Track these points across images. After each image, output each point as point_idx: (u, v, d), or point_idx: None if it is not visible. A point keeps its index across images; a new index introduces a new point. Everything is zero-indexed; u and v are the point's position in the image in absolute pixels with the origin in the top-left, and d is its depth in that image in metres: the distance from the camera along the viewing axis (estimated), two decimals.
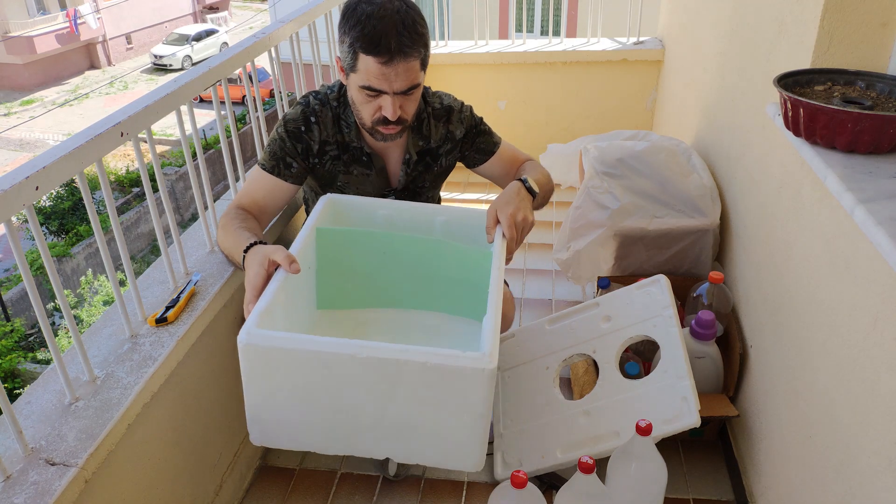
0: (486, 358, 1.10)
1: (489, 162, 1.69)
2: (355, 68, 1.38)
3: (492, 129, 1.70)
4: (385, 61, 1.34)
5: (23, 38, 17.30)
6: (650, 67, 3.21)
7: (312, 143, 1.54)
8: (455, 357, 1.10)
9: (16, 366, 8.30)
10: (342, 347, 1.11)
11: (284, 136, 1.53)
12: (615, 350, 1.64)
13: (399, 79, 1.37)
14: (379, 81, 1.37)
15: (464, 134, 1.64)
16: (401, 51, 1.34)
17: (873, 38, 1.31)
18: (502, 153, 1.69)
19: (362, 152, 1.57)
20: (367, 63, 1.35)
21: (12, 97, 17.60)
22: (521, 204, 1.45)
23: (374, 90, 1.38)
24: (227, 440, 1.63)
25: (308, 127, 1.53)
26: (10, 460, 1.10)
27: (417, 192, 1.68)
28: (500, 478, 1.63)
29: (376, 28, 1.32)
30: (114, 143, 1.25)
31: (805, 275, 1.33)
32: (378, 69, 1.35)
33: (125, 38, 20.06)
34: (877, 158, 1.15)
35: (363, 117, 1.46)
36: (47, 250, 1.15)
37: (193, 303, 1.46)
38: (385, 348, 1.11)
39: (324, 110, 1.54)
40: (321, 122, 1.54)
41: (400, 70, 1.36)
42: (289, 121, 1.53)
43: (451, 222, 1.56)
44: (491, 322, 1.18)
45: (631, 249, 1.98)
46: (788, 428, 1.38)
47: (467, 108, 1.66)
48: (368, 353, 1.09)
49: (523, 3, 6.04)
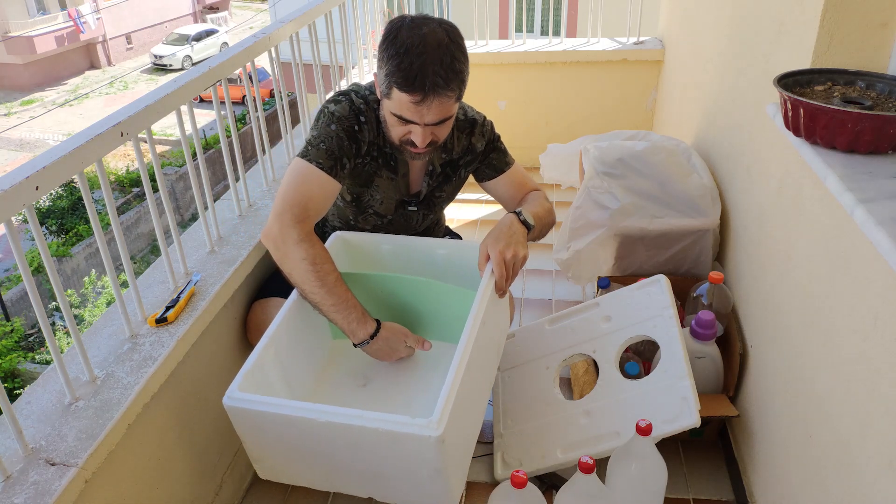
0: (433, 425, 1.14)
1: (497, 180, 1.66)
2: (389, 97, 1.37)
3: (507, 150, 1.68)
4: (418, 101, 1.33)
5: (23, 38, 17.30)
6: (650, 67, 3.21)
7: (362, 144, 1.49)
8: (404, 424, 1.16)
9: (16, 366, 8.30)
10: (305, 412, 1.21)
11: (342, 134, 1.44)
12: (615, 350, 1.64)
13: (431, 114, 1.36)
14: (411, 114, 1.37)
15: (483, 147, 1.63)
16: (434, 91, 1.32)
17: (873, 38, 1.31)
18: (512, 175, 1.67)
19: (391, 157, 1.56)
20: (400, 97, 1.34)
21: (12, 97, 17.60)
22: (513, 239, 1.42)
23: (405, 120, 1.38)
24: (227, 440, 1.63)
25: (360, 126, 1.48)
26: (10, 460, 1.10)
27: (434, 203, 1.67)
28: (500, 478, 1.63)
29: (413, 65, 1.30)
30: (114, 143, 1.25)
31: (805, 275, 1.33)
32: (411, 106, 1.35)
33: (125, 38, 20.06)
34: (877, 158, 1.15)
35: (392, 137, 1.46)
36: (47, 250, 1.15)
37: (193, 303, 1.46)
38: (342, 413, 1.19)
39: (368, 110, 1.49)
40: (368, 121, 1.49)
41: (433, 106, 1.35)
42: (341, 118, 1.45)
43: (451, 256, 1.61)
44: (449, 386, 1.19)
45: (631, 249, 1.98)
46: (788, 428, 1.38)
47: (489, 122, 1.65)
48: (327, 418, 1.20)
49: (523, 3, 6.04)
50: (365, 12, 2.99)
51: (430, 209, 1.68)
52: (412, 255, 1.63)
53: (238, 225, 1.77)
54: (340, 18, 2.59)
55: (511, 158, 1.69)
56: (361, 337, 1.38)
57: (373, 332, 1.39)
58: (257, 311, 1.64)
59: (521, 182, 1.68)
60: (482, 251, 1.43)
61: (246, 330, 1.67)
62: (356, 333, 1.38)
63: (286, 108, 2.07)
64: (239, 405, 1.25)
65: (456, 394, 1.20)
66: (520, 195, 1.67)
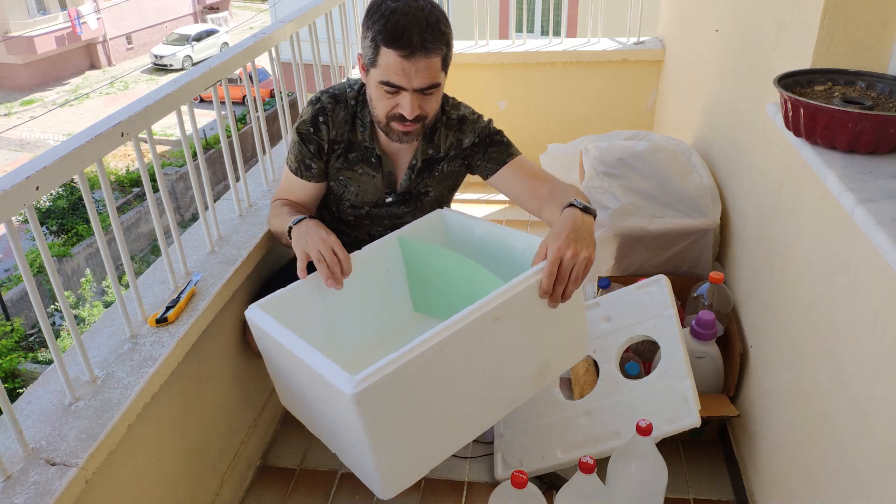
0: (352, 382, 1.05)
1: (501, 173, 1.57)
2: (376, 63, 1.38)
3: (511, 142, 1.61)
4: (406, 55, 1.34)
5: (23, 38, 17.30)
6: (650, 67, 3.21)
7: (323, 143, 1.55)
8: (331, 371, 1.09)
9: (16, 366, 8.30)
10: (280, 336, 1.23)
11: (298, 139, 1.56)
12: (615, 350, 1.64)
13: (419, 75, 1.36)
14: (398, 77, 1.36)
15: (472, 143, 1.60)
16: (423, 46, 1.34)
17: (873, 38, 1.31)
18: (517, 166, 1.57)
19: (373, 153, 1.56)
20: (387, 57, 1.35)
21: (12, 97, 17.60)
22: (576, 235, 1.24)
23: (393, 86, 1.38)
24: (227, 440, 1.63)
25: (317, 127, 1.54)
26: (10, 460, 1.10)
27: (419, 197, 1.65)
28: (500, 478, 1.63)
29: (399, 22, 1.33)
30: (114, 143, 1.25)
31: (805, 275, 1.33)
32: (399, 63, 1.35)
33: (125, 38, 20.06)
34: (877, 158, 1.15)
35: (378, 113, 1.45)
36: (47, 250, 1.15)
37: (194, 303, 1.46)
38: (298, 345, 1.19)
39: (336, 108, 1.55)
40: (331, 120, 1.54)
41: (420, 66, 1.35)
42: (300, 123, 1.56)
43: (529, 249, 1.40)
44: (399, 354, 1.09)
45: (631, 249, 1.98)
46: (788, 428, 1.38)
47: (485, 120, 1.62)
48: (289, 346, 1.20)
49: (523, 3, 6.02)
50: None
51: (415, 205, 1.65)
52: (495, 244, 1.49)
53: (238, 225, 1.77)
54: (340, 18, 2.59)
55: (516, 150, 1.60)
56: (285, 227, 1.49)
57: (294, 223, 1.46)
58: None
59: (533, 172, 1.56)
60: (540, 249, 1.27)
61: (246, 330, 1.67)
62: (284, 225, 1.50)
63: (286, 108, 2.08)
64: (251, 317, 1.31)
65: (404, 365, 1.08)
66: (536, 186, 1.53)
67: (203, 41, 19.37)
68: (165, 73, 18.60)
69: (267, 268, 1.78)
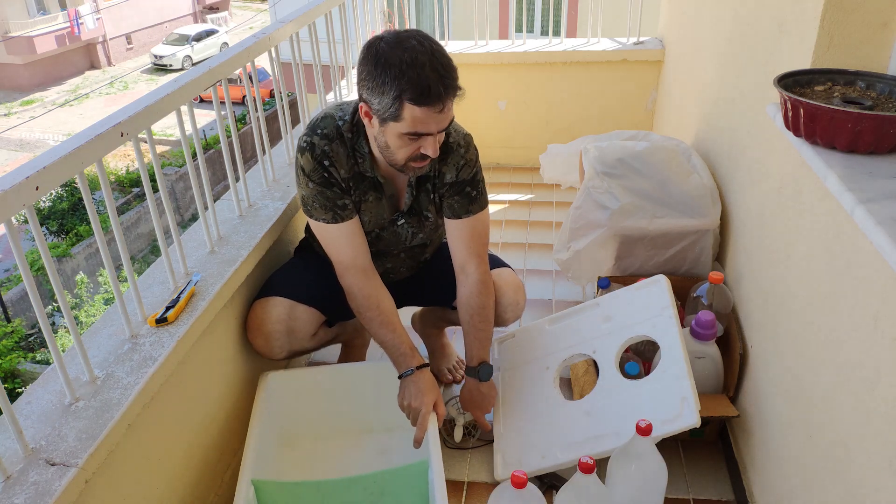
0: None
1: (450, 222, 1.63)
2: (399, 118, 1.36)
3: (478, 197, 1.62)
4: (437, 109, 1.35)
5: (23, 38, 17.30)
6: (650, 67, 3.21)
7: (340, 183, 1.55)
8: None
9: (16, 366, 8.30)
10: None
11: (321, 187, 1.53)
12: (615, 350, 1.64)
13: (444, 118, 1.39)
14: (426, 126, 1.37)
15: (451, 182, 1.60)
16: (447, 94, 1.35)
17: (873, 39, 1.31)
18: (464, 226, 1.62)
19: (375, 180, 1.58)
20: (415, 112, 1.35)
21: (12, 97, 17.60)
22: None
23: (419, 134, 1.39)
24: (226, 440, 1.63)
25: (329, 172, 1.53)
26: (10, 460, 1.10)
27: (421, 215, 1.66)
28: (500, 478, 1.63)
29: (421, 77, 1.32)
30: (114, 143, 1.25)
31: (805, 275, 1.33)
32: (428, 116, 1.36)
33: (125, 38, 20.06)
34: (877, 158, 1.15)
35: (398, 158, 1.45)
36: (47, 251, 1.15)
37: (193, 303, 1.46)
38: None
39: (333, 147, 1.52)
40: (335, 161, 1.53)
41: (445, 110, 1.37)
42: (311, 173, 1.52)
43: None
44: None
45: (631, 249, 1.98)
46: (788, 428, 1.38)
47: (470, 156, 1.59)
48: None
49: (523, 4, 6.03)
50: (365, 12, 2.99)
51: (419, 225, 1.67)
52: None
53: (238, 225, 1.77)
54: (340, 18, 2.59)
55: (476, 208, 1.62)
56: (399, 370, 1.59)
57: (407, 371, 1.57)
58: (257, 311, 1.64)
59: (469, 239, 1.63)
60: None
61: (246, 330, 1.67)
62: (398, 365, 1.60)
63: (286, 109, 2.07)
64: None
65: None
66: (463, 253, 1.63)
67: (203, 41, 19.37)
68: (165, 74, 18.60)
69: (266, 267, 1.78)
